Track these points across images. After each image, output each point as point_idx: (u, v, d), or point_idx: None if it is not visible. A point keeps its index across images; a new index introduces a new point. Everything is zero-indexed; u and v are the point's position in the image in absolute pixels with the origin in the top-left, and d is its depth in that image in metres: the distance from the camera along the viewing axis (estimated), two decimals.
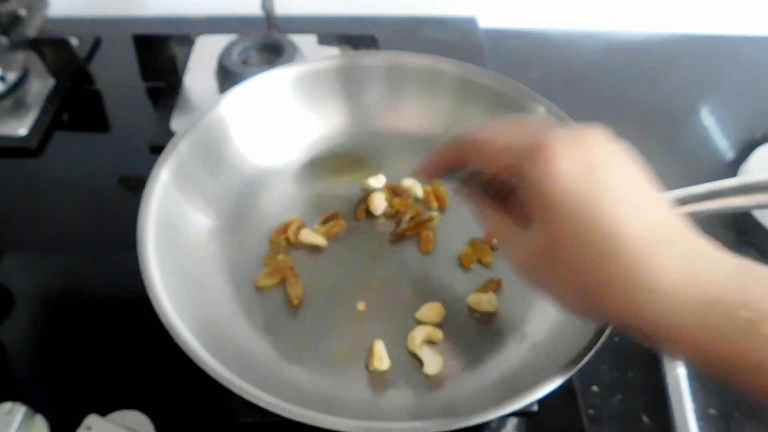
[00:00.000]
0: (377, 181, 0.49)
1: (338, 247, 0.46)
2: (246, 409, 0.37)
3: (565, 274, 0.28)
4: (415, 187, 0.49)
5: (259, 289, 0.43)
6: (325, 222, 0.47)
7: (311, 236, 0.46)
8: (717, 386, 0.43)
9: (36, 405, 0.39)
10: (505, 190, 0.33)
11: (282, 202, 0.49)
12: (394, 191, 0.49)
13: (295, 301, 0.42)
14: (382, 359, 0.40)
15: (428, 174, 0.37)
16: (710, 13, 0.77)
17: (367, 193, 0.49)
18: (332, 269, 0.45)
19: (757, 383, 0.24)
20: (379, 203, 0.48)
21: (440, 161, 0.35)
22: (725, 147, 0.63)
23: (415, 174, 0.36)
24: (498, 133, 0.31)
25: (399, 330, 0.42)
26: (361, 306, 0.43)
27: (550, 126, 0.30)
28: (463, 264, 0.45)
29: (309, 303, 0.43)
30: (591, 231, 0.26)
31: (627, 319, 0.27)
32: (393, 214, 0.48)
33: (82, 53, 0.66)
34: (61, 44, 0.60)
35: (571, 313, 0.30)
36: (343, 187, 0.50)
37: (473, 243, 0.46)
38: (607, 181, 0.27)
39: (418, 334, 0.41)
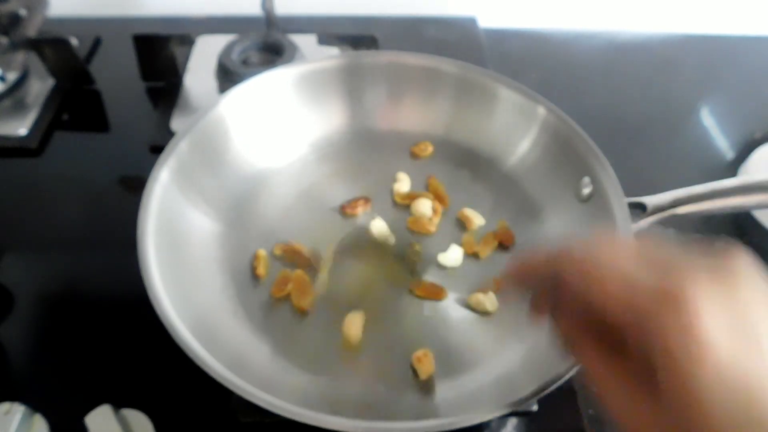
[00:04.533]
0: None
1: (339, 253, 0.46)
2: (246, 409, 0.37)
3: None
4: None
5: (258, 283, 0.43)
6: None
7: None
8: None
9: (35, 404, 0.39)
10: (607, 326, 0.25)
11: (282, 202, 0.49)
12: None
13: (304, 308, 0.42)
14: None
15: (510, 287, 0.30)
16: (710, 13, 0.77)
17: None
18: (330, 272, 0.45)
19: None
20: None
21: (531, 273, 0.28)
22: (725, 147, 0.63)
23: (496, 286, 0.30)
24: (614, 256, 0.24)
25: (398, 330, 0.42)
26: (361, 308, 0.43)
27: (682, 256, 0.23)
28: (464, 250, 0.46)
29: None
30: (747, 421, 0.20)
31: None
32: None
33: (82, 53, 0.66)
34: (61, 44, 0.60)
35: None
36: (343, 185, 0.50)
37: (468, 237, 0.47)
38: None
39: None
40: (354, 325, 0.41)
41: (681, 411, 0.21)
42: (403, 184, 0.50)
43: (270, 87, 0.49)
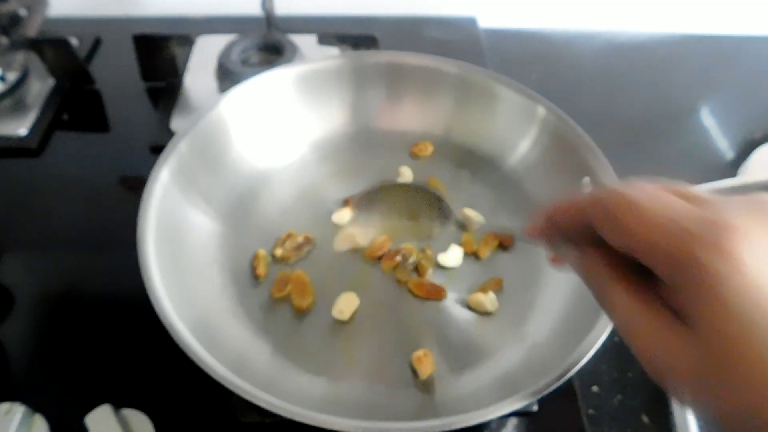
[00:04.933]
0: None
1: (336, 252, 0.46)
2: (246, 409, 0.37)
3: (735, 397, 0.20)
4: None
5: (258, 283, 0.43)
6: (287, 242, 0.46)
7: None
8: None
9: (35, 404, 0.39)
10: (637, 266, 0.24)
11: (282, 202, 0.49)
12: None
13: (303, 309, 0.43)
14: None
15: (538, 238, 0.29)
16: (710, 13, 0.77)
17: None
18: (330, 273, 0.45)
19: None
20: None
21: (560, 223, 0.27)
22: (725, 147, 0.63)
23: (525, 237, 0.29)
24: (651, 198, 0.23)
25: (398, 330, 0.42)
26: (360, 308, 0.43)
27: (721, 198, 0.22)
28: (464, 250, 0.46)
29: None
30: None
31: None
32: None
33: (82, 53, 0.66)
34: (61, 44, 0.60)
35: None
36: (343, 185, 0.50)
37: (468, 237, 0.47)
38: None
39: None
40: (345, 303, 0.42)
41: (718, 343, 0.20)
42: (406, 178, 0.50)
43: (270, 87, 0.49)
